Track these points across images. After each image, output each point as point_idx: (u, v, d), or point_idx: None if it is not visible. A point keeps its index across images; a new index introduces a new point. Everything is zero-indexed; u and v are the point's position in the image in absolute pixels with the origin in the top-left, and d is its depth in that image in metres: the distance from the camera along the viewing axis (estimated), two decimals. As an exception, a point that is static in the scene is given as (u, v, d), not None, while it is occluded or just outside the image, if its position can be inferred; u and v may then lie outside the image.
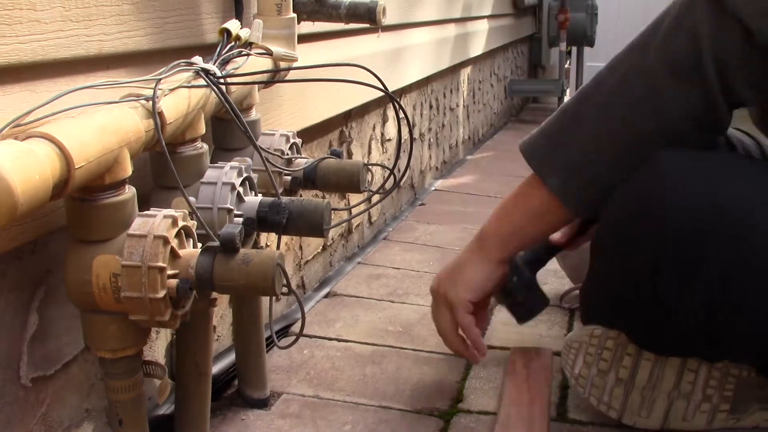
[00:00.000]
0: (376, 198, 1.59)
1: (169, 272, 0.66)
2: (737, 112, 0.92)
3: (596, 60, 4.28)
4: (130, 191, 0.68)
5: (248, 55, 0.88)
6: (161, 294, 0.65)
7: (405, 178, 2.14)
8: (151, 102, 0.69)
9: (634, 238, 0.89)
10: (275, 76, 0.99)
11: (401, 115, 0.81)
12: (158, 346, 0.98)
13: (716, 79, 0.85)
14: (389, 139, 1.96)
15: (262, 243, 1.14)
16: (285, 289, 0.71)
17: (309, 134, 1.38)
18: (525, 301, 1.11)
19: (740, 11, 0.83)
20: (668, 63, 0.88)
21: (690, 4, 0.87)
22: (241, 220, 0.80)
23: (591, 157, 0.94)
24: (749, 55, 0.83)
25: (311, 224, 0.81)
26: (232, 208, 0.80)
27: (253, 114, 0.99)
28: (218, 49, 0.85)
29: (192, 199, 0.75)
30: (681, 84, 0.87)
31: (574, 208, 0.97)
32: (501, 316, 1.41)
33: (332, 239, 1.61)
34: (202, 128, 0.81)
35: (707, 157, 0.90)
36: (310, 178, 0.96)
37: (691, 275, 0.86)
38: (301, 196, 0.95)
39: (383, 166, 1.53)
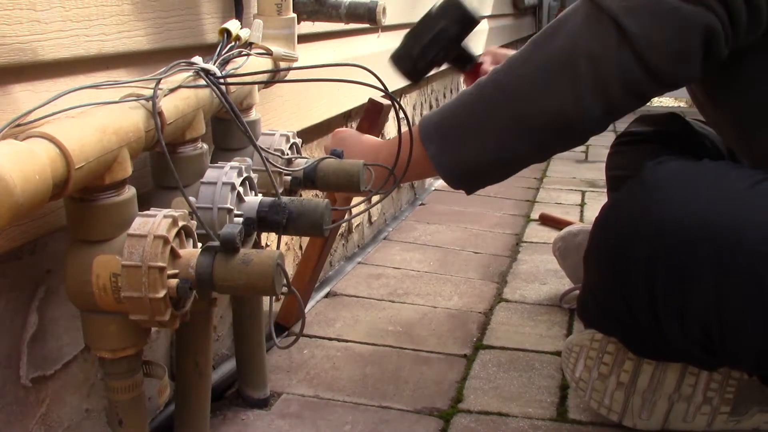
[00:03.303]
0: (376, 198, 1.59)
1: (169, 272, 0.66)
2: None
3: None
4: (130, 191, 0.68)
5: (248, 55, 0.88)
6: (161, 294, 0.65)
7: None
8: (151, 102, 0.69)
9: (628, 266, 0.90)
10: (275, 76, 0.99)
11: (401, 115, 0.81)
12: (158, 346, 0.98)
13: (589, 78, 0.86)
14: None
15: (262, 243, 1.14)
16: (285, 289, 0.71)
17: (309, 134, 1.38)
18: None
19: (612, 9, 0.84)
20: (543, 62, 0.89)
21: (574, 9, 0.89)
22: (241, 220, 0.80)
23: (470, 130, 0.95)
24: (623, 55, 0.84)
25: (311, 224, 0.81)
26: (232, 208, 0.80)
27: (253, 114, 0.99)
28: (218, 49, 0.85)
29: (192, 199, 0.75)
30: (552, 81, 0.88)
31: (445, 173, 0.99)
32: (501, 316, 1.41)
33: (332, 239, 1.61)
34: (202, 128, 0.81)
35: (695, 172, 0.89)
36: (310, 178, 0.96)
37: (687, 300, 0.86)
38: (301, 196, 0.95)
39: (383, 166, 1.53)
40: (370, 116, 1.25)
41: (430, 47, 1.15)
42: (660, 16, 0.83)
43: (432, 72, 1.23)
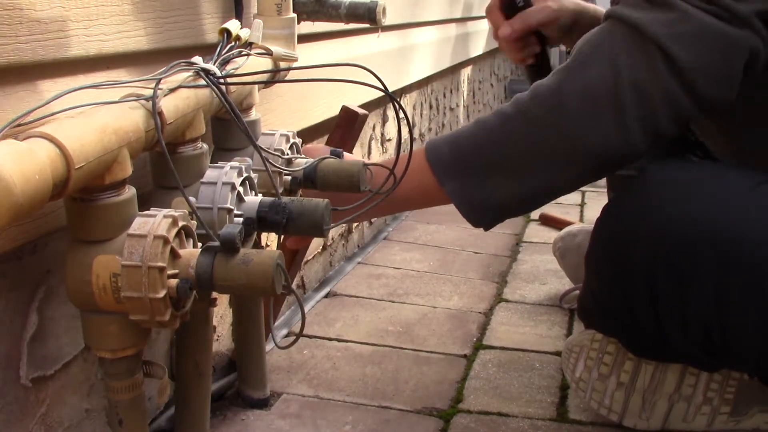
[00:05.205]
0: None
1: (169, 272, 0.66)
2: None
3: (596, 60, 4.27)
4: (130, 191, 0.68)
5: (248, 55, 0.88)
6: (161, 294, 0.65)
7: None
8: (151, 102, 0.69)
9: (629, 267, 0.89)
10: (275, 76, 0.99)
11: (401, 115, 0.81)
12: (158, 346, 0.98)
13: (634, 108, 0.82)
14: (389, 139, 1.96)
15: (262, 243, 1.14)
16: (285, 290, 0.71)
17: (309, 134, 1.38)
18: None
19: (658, 36, 0.81)
20: (582, 92, 0.84)
21: (608, 32, 0.85)
22: (241, 220, 0.80)
23: (496, 163, 0.90)
24: (670, 84, 0.81)
25: (311, 224, 0.81)
26: (232, 208, 0.80)
27: (253, 114, 0.99)
28: (218, 49, 0.85)
29: (192, 199, 0.75)
30: (594, 113, 0.84)
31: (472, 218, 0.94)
32: (501, 316, 1.41)
33: (332, 239, 1.61)
34: (202, 128, 0.81)
35: (696, 173, 0.89)
36: (310, 178, 0.96)
37: (688, 301, 0.86)
38: (301, 196, 0.95)
39: (383, 166, 1.53)
40: (343, 127, 1.13)
41: None
42: (709, 42, 0.81)
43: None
